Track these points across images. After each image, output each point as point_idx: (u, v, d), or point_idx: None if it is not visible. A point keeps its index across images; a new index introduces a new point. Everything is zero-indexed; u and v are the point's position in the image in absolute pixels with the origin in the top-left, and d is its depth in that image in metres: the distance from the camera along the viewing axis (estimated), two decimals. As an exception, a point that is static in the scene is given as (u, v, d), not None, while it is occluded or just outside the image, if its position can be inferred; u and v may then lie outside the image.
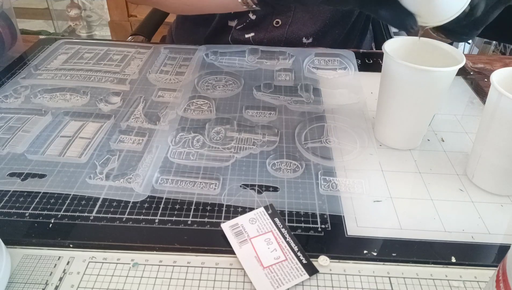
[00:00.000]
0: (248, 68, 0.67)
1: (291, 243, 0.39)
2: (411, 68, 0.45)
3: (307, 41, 0.76)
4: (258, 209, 0.42)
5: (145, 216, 0.42)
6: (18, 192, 0.44)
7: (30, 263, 0.37)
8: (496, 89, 0.41)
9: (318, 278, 0.36)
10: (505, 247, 0.40)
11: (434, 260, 0.38)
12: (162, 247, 0.39)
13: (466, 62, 0.70)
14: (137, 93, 0.61)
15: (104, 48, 0.73)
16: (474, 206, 0.44)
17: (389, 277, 0.37)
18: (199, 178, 0.46)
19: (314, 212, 0.43)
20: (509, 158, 0.43)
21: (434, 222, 0.42)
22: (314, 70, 0.68)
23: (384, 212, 0.43)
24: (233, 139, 0.52)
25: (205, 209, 0.43)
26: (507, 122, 0.41)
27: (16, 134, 0.52)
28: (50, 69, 0.66)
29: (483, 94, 0.64)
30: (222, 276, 0.36)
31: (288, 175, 0.47)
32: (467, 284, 0.37)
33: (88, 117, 0.56)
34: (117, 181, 0.45)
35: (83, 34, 2.39)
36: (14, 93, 0.60)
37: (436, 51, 0.50)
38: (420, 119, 0.50)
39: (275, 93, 0.61)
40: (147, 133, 0.53)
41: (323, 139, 0.53)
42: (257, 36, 0.75)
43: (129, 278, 0.36)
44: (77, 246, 0.39)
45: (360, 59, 0.72)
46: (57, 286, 0.35)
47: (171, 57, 0.71)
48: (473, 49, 1.81)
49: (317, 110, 0.58)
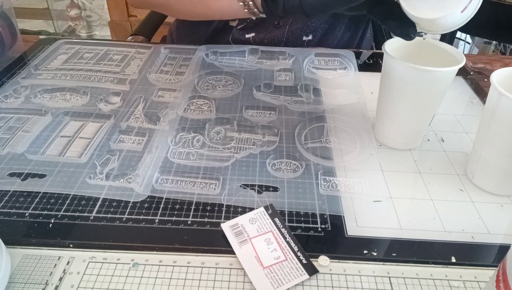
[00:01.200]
0: (248, 68, 0.67)
1: (291, 243, 0.39)
2: (411, 68, 0.45)
3: (306, 38, 0.76)
4: (258, 209, 0.42)
5: (145, 216, 0.42)
6: (18, 192, 0.44)
7: (30, 263, 0.37)
8: (496, 89, 0.41)
9: (318, 278, 0.36)
10: (505, 247, 0.40)
11: (434, 260, 0.38)
12: (162, 247, 0.39)
13: (466, 62, 0.70)
14: (137, 93, 0.61)
15: (104, 48, 0.73)
16: (474, 206, 0.44)
17: (389, 277, 0.37)
18: (199, 178, 0.46)
19: (314, 212, 0.43)
20: (509, 158, 0.43)
21: (434, 222, 0.42)
22: (314, 70, 0.68)
23: (384, 212, 0.43)
24: (233, 139, 0.52)
25: (205, 209, 0.43)
26: (507, 122, 0.41)
27: (16, 134, 0.52)
28: (50, 69, 0.66)
29: (483, 94, 0.64)
30: (222, 276, 0.36)
31: (288, 175, 0.47)
32: (467, 284, 0.37)
33: (88, 117, 0.56)
34: (117, 181, 0.45)
35: (83, 34, 2.39)
36: (14, 93, 0.60)
37: (436, 51, 0.50)
38: (420, 119, 0.50)
39: (275, 93, 0.61)
40: (147, 133, 0.53)
41: (323, 139, 0.53)
42: (258, 36, 0.75)
43: (129, 278, 0.36)
44: (77, 246, 0.39)
45: (360, 59, 0.72)
46: (57, 286, 0.35)
47: (171, 57, 0.71)
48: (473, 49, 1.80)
49: (317, 110, 0.58)
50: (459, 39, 1.79)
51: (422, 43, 0.50)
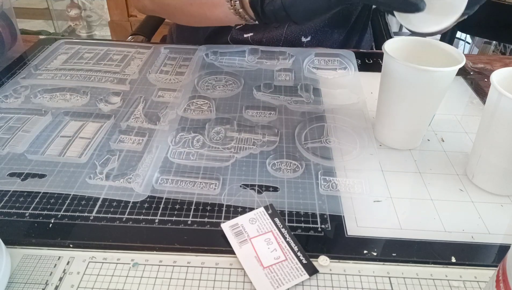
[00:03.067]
0: (248, 68, 0.67)
1: (291, 243, 0.39)
2: (411, 68, 0.45)
3: (305, 40, 0.76)
4: (258, 209, 0.42)
5: (145, 216, 0.42)
6: (18, 192, 0.44)
7: (30, 263, 0.37)
8: (496, 89, 0.41)
9: (318, 278, 0.36)
10: (505, 247, 0.40)
11: (434, 260, 0.38)
12: (162, 247, 0.39)
13: (466, 62, 0.70)
14: (137, 93, 0.61)
15: (104, 48, 0.73)
16: (474, 206, 0.44)
17: (389, 277, 0.37)
18: (199, 178, 0.46)
19: (314, 212, 0.43)
20: (509, 158, 0.43)
21: (434, 222, 0.42)
22: (314, 70, 0.68)
23: (384, 212, 0.43)
24: (233, 139, 0.52)
25: (205, 209, 0.43)
26: (507, 122, 0.41)
27: (16, 134, 0.52)
28: (50, 69, 0.66)
29: (483, 94, 0.64)
30: (222, 276, 0.36)
31: (288, 175, 0.47)
32: (467, 284, 0.37)
33: (88, 117, 0.56)
34: (117, 181, 0.45)
35: (83, 34, 2.39)
36: (14, 93, 0.60)
37: (436, 51, 0.50)
38: (420, 119, 0.50)
39: (275, 93, 0.61)
40: (147, 133, 0.53)
41: (323, 139, 0.53)
42: (256, 36, 0.75)
43: (129, 278, 0.36)
44: (77, 246, 0.39)
45: (360, 59, 0.72)
46: (57, 286, 0.35)
47: (171, 57, 0.71)
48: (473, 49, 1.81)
49: (317, 110, 0.58)
50: (459, 39, 1.79)
51: (422, 43, 0.50)
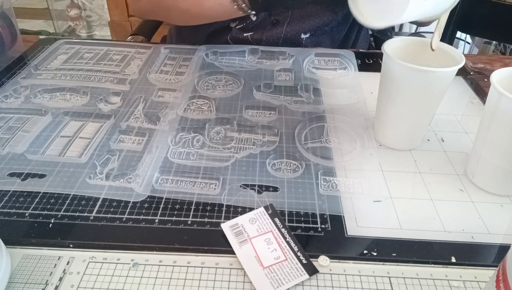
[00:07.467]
0: (248, 68, 0.67)
1: (291, 243, 0.39)
2: (411, 68, 0.45)
3: (304, 36, 0.76)
4: (258, 209, 0.42)
5: (145, 216, 0.42)
6: (18, 192, 0.44)
7: (30, 263, 0.37)
8: (496, 89, 0.41)
9: (318, 278, 0.36)
10: (505, 247, 0.40)
11: (434, 260, 0.38)
12: (162, 247, 0.39)
13: (466, 62, 0.70)
14: (137, 93, 0.61)
15: (104, 48, 0.73)
16: (474, 206, 0.44)
17: (389, 277, 0.37)
18: (199, 178, 0.46)
19: (314, 212, 0.43)
20: (509, 158, 0.43)
21: (434, 222, 0.42)
22: (314, 70, 0.68)
23: (384, 212, 0.43)
24: (233, 139, 0.52)
25: (205, 209, 0.43)
26: (507, 122, 0.41)
27: (16, 134, 0.52)
28: (50, 69, 0.66)
29: (483, 94, 0.64)
30: (222, 276, 0.36)
31: (288, 175, 0.47)
32: (467, 284, 0.37)
33: (88, 117, 0.56)
34: (117, 181, 0.45)
35: (83, 34, 2.39)
36: (14, 93, 0.60)
37: (436, 51, 0.50)
38: (420, 119, 0.50)
39: (275, 93, 0.61)
40: (147, 133, 0.53)
41: (323, 139, 0.53)
42: (256, 35, 0.75)
43: (129, 278, 0.36)
44: (77, 246, 0.39)
45: (360, 59, 0.72)
46: (57, 286, 0.35)
47: (171, 57, 0.71)
48: (473, 49, 1.80)
49: (317, 110, 0.58)
50: (459, 39, 1.79)
51: (422, 43, 0.50)
